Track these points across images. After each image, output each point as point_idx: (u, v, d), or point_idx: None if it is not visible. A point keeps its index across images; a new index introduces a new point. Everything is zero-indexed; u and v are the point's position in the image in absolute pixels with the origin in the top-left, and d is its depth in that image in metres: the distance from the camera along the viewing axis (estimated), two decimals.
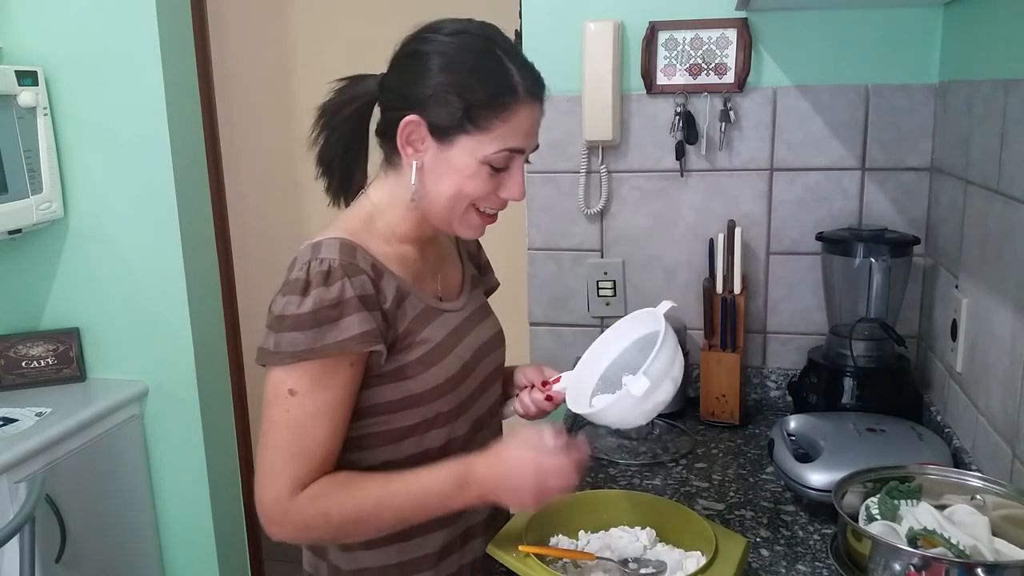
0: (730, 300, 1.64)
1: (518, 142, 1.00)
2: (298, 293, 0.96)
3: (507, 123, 0.98)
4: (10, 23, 2.10)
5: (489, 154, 0.99)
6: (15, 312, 2.23)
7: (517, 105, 0.98)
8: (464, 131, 0.98)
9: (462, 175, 1.00)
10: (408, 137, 1.00)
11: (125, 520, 2.22)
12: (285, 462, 0.96)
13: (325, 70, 0.99)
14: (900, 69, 1.63)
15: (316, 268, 0.97)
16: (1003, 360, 1.23)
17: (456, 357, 1.08)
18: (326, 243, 1.00)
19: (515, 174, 1.02)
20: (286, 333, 0.95)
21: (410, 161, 1.02)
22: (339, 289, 0.95)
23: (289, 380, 0.96)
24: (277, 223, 3.21)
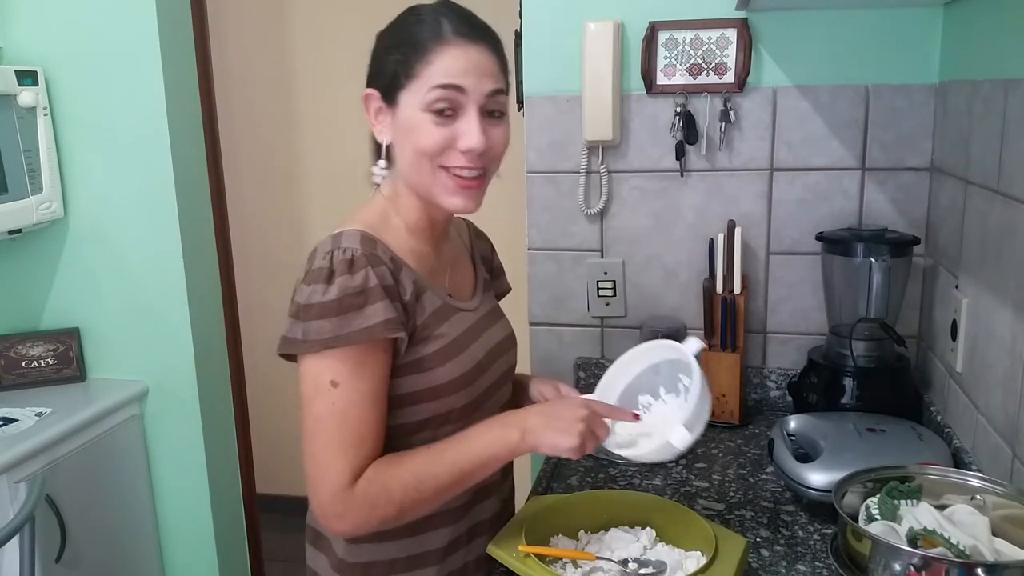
0: (730, 300, 1.64)
1: (450, 79, 1.00)
2: (323, 281, 0.97)
3: (433, 64, 1.00)
4: (10, 23, 2.10)
5: (425, 99, 1.00)
6: (15, 312, 2.23)
7: (441, 46, 1.00)
8: (401, 86, 1.02)
9: (412, 130, 1.02)
10: (374, 115, 1.06)
11: (125, 520, 2.22)
12: (339, 454, 0.97)
13: (325, 70, 1.00)
14: (900, 69, 1.63)
15: (340, 257, 0.98)
16: (1003, 360, 1.23)
17: (470, 355, 1.09)
18: (347, 234, 1.01)
19: (467, 122, 1.01)
20: (313, 321, 0.96)
21: (382, 140, 1.06)
22: (363, 277, 0.97)
23: (328, 372, 0.97)
24: (277, 223, 3.21)
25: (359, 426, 0.98)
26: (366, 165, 1.13)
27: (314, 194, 3.16)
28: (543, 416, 1.02)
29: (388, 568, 1.09)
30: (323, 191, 3.13)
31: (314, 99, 3.08)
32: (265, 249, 3.21)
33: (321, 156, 3.12)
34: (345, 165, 3.03)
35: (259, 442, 2.70)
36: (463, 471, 1.01)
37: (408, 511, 1.00)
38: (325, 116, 3.06)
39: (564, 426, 1.00)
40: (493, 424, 1.03)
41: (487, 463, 1.02)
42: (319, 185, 3.14)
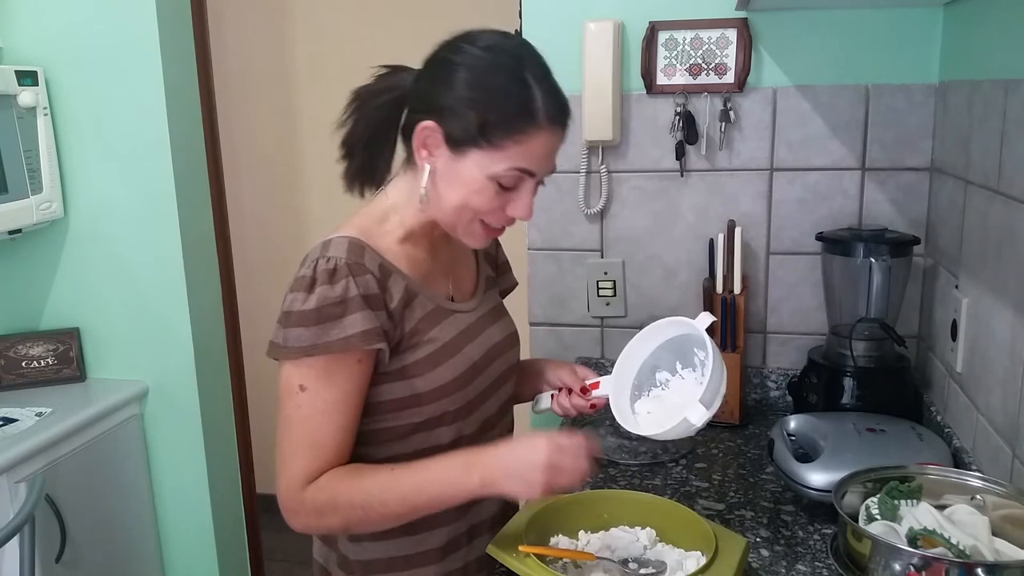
0: (730, 300, 1.64)
1: (529, 164, 1.00)
2: (304, 290, 0.98)
3: (520, 145, 0.98)
4: (10, 23, 2.10)
5: (498, 171, 0.99)
6: (15, 312, 2.23)
7: (533, 129, 0.98)
8: (476, 146, 0.99)
9: (470, 188, 1.01)
10: (424, 141, 1.02)
11: (125, 520, 2.22)
12: (297, 455, 1.00)
13: (325, 70, 1.00)
14: (900, 69, 1.63)
15: (323, 266, 0.99)
16: (1003, 360, 1.23)
17: (465, 357, 1.09)
18: (335, 242, 1.02)
19: (524, 195, 1.03)
20: (292, 329, 0.98)
21: (423, 164, 1.03)
22: (343, 288, 0.98)
23: (298, 376, 0.99)
24: (277, 223, 3.21)
25: (318, 433, 0.99)
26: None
27: (314, 194, 3.16)
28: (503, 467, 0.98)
29: (387, 566, 1.11)
30: (323, 191, 3.12)
31: (314, 99, 3.08)
32: (265, 249, 3.21)
33: (321, 156, 3.10)
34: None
35: (259, 442, 2.70)
36: (414, 505, 1.00)
37: (353, 526, 1.03)
38: (325, 116, 3.04)
39: (523, 476, 0.97)
40: (455, 464, 1.00)
41: (439, 503, 1.01)
42: (319, 185, 3.13)
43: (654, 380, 1.16)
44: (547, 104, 0.99)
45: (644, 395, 1.16)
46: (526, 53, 1.02)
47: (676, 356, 1.16)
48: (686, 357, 1.15)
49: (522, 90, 0.98)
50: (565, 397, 1.23)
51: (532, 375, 1.28)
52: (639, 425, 1.10)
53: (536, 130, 0.99)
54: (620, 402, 1.15)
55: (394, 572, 1.11)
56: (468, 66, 0.99)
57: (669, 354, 1.16)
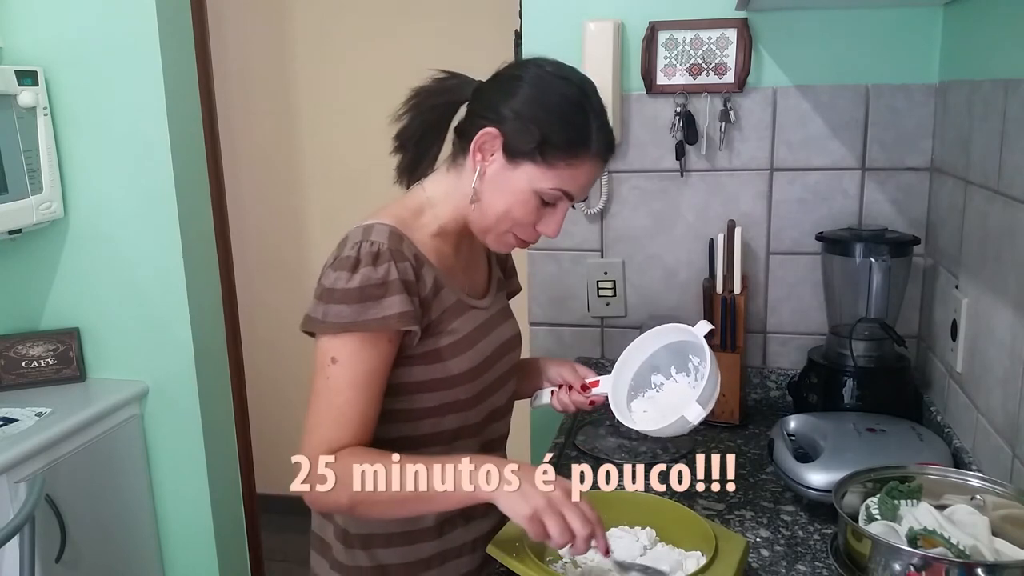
0: (730, 300, 1.64)
1: (572, 188, 1.08)
2: (348, 269, 1.03)
3: (571, 168, 1.06)
4: (10, 23, 2.10)
5: (544, 188, 1.06)
6: (15, 312, 2.23)
7: (585, 157, 1.07)
8: (532, 160, 1.05)
9: (515, 198, 1.07)
10: (482, 145, 1.07)
11: (125, 520, 2.22)
12: (321, 424, 1.03)
13: (325, 70, 0.99)
14: (900, 69, 1.63)
15: (367, 249, 1.03)
16: (1003, 360, 1.23)
17: (479, 350, 1.14)
18: (378, 228, 1.06)
19: (557, 215, 1.10)
20: (334, 305, 1.02)
21: (475, 166, 1.08)
22: (385, 271, 1.02)
23: (332, 349, 1.03)
24: (277, 223, 3.21)
25: (344, 406, 1.03)
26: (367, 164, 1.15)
27: (314, 194, 3.16)
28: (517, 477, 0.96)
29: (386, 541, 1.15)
30: (323, 191, 3.12)
31: (314, 99, 3.08)
32: (265, 249, 3.21)
33: (321, 156, 3.11)
34: (345, 165, 3.04)
35: (259, 442, 2.70)
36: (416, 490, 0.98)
37: (357, 507, 1.02)
38: (325, 116, 3.06)
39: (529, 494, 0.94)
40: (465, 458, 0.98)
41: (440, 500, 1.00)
42: (319, 185, 3.13)
43: (649, 382, 1.24)
44: (601, 138, 1.08)
45: (640, 395, 1.24)
46: (589, 89, 1.10)
47: (672, 360, 1.23)
48: (681, 362, 1.23)
49: (582, 120, 1.07)
50: (565, 393, 1.28)
51: (531, 372, 1.33)
52: (635, 422, 1.17)
53: (587, 159, 1.07)
54: (618, 400, 1.22)
55: (393, 547, 1.15)
56: (538, 85, 1.07)
57: (666, 358, 1.24)
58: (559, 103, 1.07)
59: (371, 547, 1.15)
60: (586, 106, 1.08)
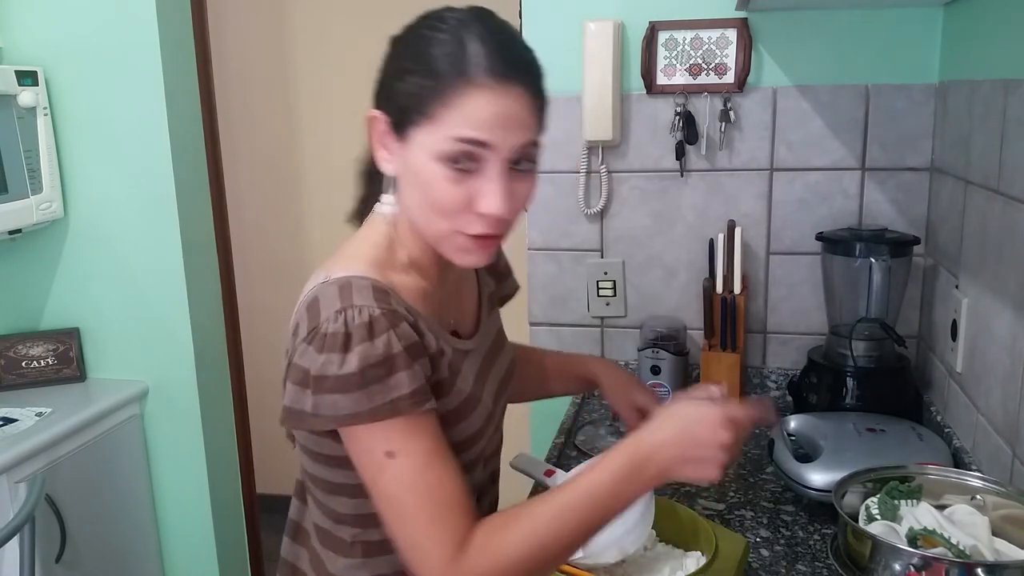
0: (730, 300, 1.63)
1: (474, 130, 0.83)
2: (338, 350, 0.83)
3: (455, 109, 0.82)
4: (10, 23, 2.10)
5: (441, 148, 0.83)
6: (15, 312, 2.23)
7: (467, 87, 0.82)
8: (414, 122, 0.85)
9: (422, 177, 0.86)
10: (379, 139, 0.90)
11: (125, 520, 2.22)
12: (431, 530, 0.84)
13: (325, 70, 0.98)
14: (900, 69, 1.63)
15: (355, 319, 0.83)
16: (1003, 360, 1.23)
17: (484, 407, 0.99)
18: (357, 285, 0.87)
19: (488, 179, 0.84)
20: (326, 395, 0.83)
21: (387, 170, 0.91)
22: (385, 343, 0.83)
23: (379, 444, 0.84)
24: (277, 223, 3.21)
25: (439, 492, 0.85)
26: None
27: (314, 194, 3.16)
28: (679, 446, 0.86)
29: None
30: (323, 191, 3.12)
31: (314, 99, 3.08)
32: (265, 249, 3.21)
33: (321, 156, 3.11)
34: (345, 165, 3.03)
35: (259, 442, 2.69)
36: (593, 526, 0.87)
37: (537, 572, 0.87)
38: (325, 116, 3.06)
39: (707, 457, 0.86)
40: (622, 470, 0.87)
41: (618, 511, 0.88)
42: (319, 185, 3.14)
43: None
44: (484, 58, 0.83)
45: None
46: (474, 15, 0.87)
47: None
48: None
49: (454, 47, 0.83)
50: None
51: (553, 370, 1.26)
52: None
53: (471, 88, 0.82)
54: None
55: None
56: (402, 39, 0.89)
57: None
58: (420, 36, 0.86)
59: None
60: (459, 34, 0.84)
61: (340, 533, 0.97)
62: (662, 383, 1.66)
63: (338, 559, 0.98)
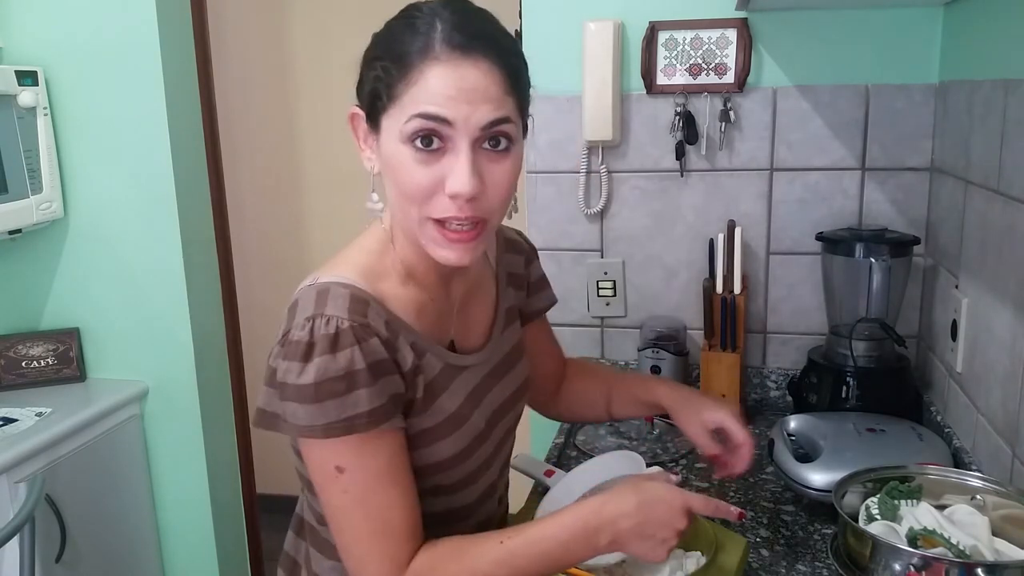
0: (730, 300, 1.64)
1: (431, 105, 0.80)
2: (299, 359, 0.82)
3: (415, 85, 0.81)
4: (10, 23, 2.10)
5: (403, 128, 0.81)
6: (15, 312, 2.23)
7: (424, 63, 0.80)
8: (382, 109, 0.84)
9: (392, 166, 0.84)
10: (362, 136, 0.89)
11: (125, 520, 2.22)
12: (371, 545, 0.85)
13: (325, 70, 0.98)
14: (900, 69, 1.63)
15: (321, 329, 0.82)
16: (1003, 360, 1.23)
17: (472, 426, 0.96)
18: (334, 292, 0.85)
19: (457, 158, 0.82)
20: (288, 403, 0.84)
21: (369, 167, 0.89)
22: (347, 358, 0.82)
23: (331, 457, 0.84)
24: (277, 223, 3.21)
25: (384, 513, 0.85)
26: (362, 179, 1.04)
27: (314, 194, 3.16)
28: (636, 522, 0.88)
29: None
30: (323, 191, 3.13)
31: (314, 99, 3.08)
32: (265, 249, 3.21)
33: (321, 156, 3.12)
34: (345, 165, 3.03)
35: (259, 442, 2.69)
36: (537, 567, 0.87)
37: None
38: (325, 116, 3.06)
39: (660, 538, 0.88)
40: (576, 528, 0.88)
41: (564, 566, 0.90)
42: (319, 185, 3.14)
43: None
44: (443, 32, 0.81)
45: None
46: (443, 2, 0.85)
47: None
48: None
49: (418, 23, 0.83)
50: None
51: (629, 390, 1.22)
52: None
53: (428, 63, 0.80)
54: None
55: None
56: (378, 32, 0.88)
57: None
58: (387, 25, 0.86)
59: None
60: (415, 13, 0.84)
61: (325, 535, 0.97)
62: None
63: (323, 560, 0.99)
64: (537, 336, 1.23)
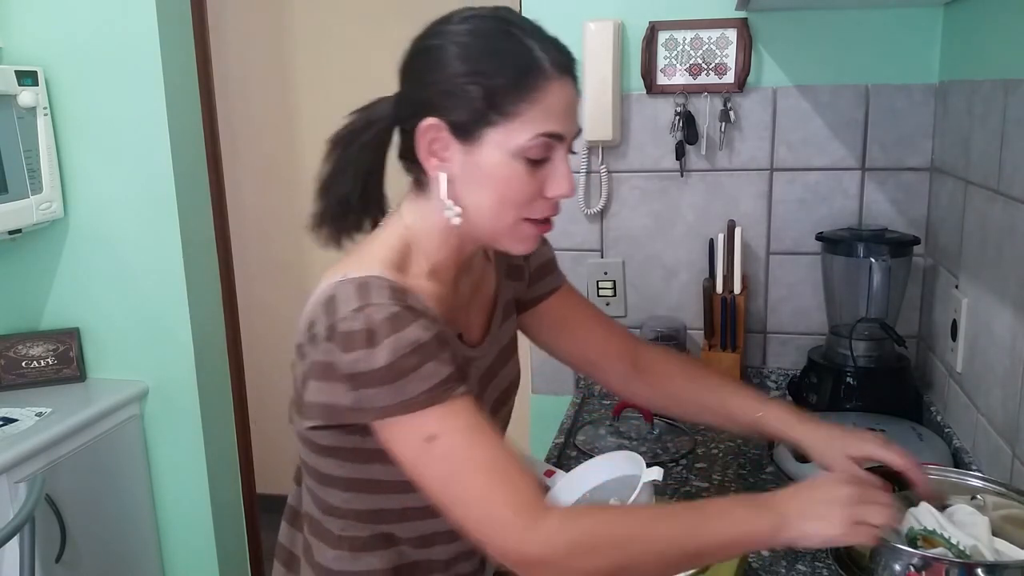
0: (730, 300, 1.64)
1: (553, 125, 0.87)
2: (364, 346, 0.82)
3: (536, 104, 0.86)
4: (10, 23, 2.10)
5: (522, 143, 0.86)
6: (15, 312, 2.23)
7: (544, 82, 0.86)
8: (489, 123, 0.86)
9: (499, 176, 0.88)
10: (429, 146, 0.89)
11: (125, 520, 2.22)
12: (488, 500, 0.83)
13: (325, 70, 0.98)
14: (900, 69, 1.63)
15: (377, 315, 0.83)
16: (1003, 360, 1.23)
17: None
18: (374, 284, 0.87)
19: (558, 166, 0.89)
20: (364, 390, 0.83)
21: (436, 174, 0.90)
22: (414, 334, 0.83)
23: (418, 431, 0.84)
24: (277, 223, 3.21)
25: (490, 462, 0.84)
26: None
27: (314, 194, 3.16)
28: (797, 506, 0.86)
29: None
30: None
31: (314, 99, 3.08)
32: (265, 249, 3.21)
33: (321, 156, 3.11)
34: None
35: (259, 442, 2.70)
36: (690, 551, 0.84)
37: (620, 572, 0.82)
38: (325, 116, 3.04)
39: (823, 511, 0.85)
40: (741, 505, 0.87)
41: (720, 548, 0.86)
42: None
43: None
44: (549, 51, 0.87)
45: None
46: (507, 13, 0.91)
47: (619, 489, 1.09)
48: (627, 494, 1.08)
49: (516, 45, 0.87)
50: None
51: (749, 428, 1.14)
52: None
53: (547, 83, 0.86)
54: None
55: None
56: (451, 43, 0.88)
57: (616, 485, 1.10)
58: (480, 42, 0.87)
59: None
60: (512, 30, 0.88)
61: (329, 525, 0.98)
62: None
63: (327, 550, 0.98)
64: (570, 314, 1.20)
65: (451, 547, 1.00)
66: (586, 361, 1.21)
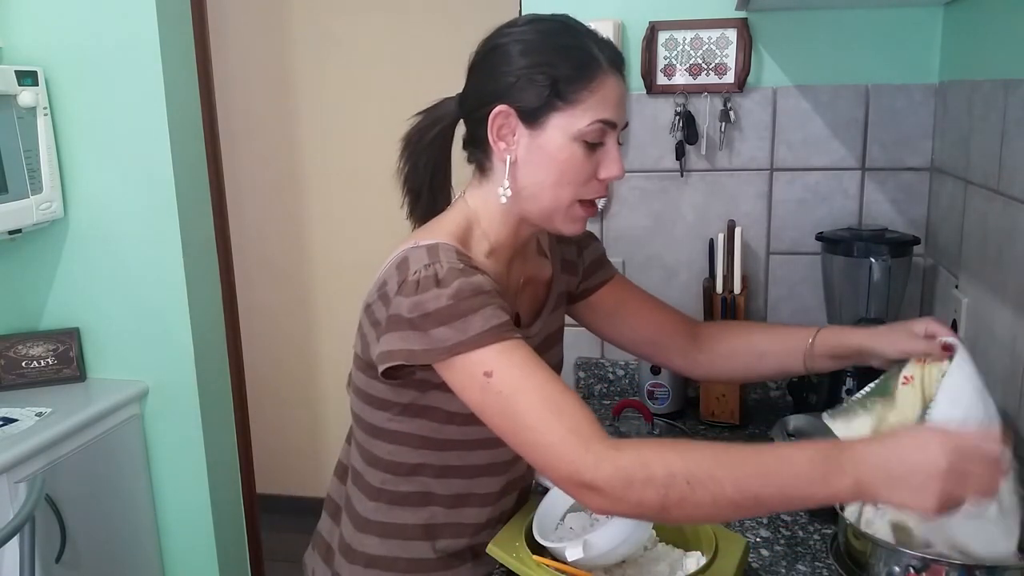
0: (730, 300, 1.64)
1: (609, 113, 0.98)
2: (433, 287, 0.91)
3: (595, 93, 0.97)
4: (10, 23, 2.10)
5: (582, 128, 0.97)
6: (15, 312, 2.23)
7: (602, 75, 0.97)
8: (554, 108, 0.97)
9: (560, 157, 0.98)
10: (499, 131, 0.99)
11: (125, 520, 2.22)
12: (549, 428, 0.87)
13: (326, 70, 0.97)
14: (900, 69, 1.63)
15: (445, 266, 0.93)
16: (1003, 360, 1.23)
17: None
18: (443, 248, 0.97)
19: (611, 151, 1.00)
20: (431, 331, 0.90)
21: (503, 156, 0.99)
22: (478, 280, 0.92)
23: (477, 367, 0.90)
24: (277, 223, 3.21)
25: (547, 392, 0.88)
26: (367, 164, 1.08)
27: (314, 194, 3.16)
28: (885, 469, 0.79)
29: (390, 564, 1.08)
30: (323, 191, 3.13)
31: (314, 99, 3.08)
32: (265, 249, 3.21)
33: (321, 156, 3.11)
34: (345, 165, 3.04)
35: (259, 442, 2.70)
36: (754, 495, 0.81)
37: (673, 505, 0.82)
38: (325, 116, 3.06)
39: (912, 483, 0.77)
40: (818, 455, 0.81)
41: (788, 498, 0.83)
42: (319, 185, 3.14)
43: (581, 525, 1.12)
44: (605, 49, 0.99)
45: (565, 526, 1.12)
46: (566, 18, 1.02)
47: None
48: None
49: (577, 42, 0.99)
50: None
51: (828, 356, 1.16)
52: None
53: (604, 76, 0.98)
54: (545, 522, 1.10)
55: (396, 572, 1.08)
56: (517, 40, 0.99)
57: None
58: (547, 39, 0.99)
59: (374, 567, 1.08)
60: (573, 31, 1.00)
61: (370, 478, 1.07)
62: (662, 383, 1.66)
63: (366, 501, 1.08)
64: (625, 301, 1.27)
65: (482, 511, 1.09)
66: (647, 342, 1.28)
